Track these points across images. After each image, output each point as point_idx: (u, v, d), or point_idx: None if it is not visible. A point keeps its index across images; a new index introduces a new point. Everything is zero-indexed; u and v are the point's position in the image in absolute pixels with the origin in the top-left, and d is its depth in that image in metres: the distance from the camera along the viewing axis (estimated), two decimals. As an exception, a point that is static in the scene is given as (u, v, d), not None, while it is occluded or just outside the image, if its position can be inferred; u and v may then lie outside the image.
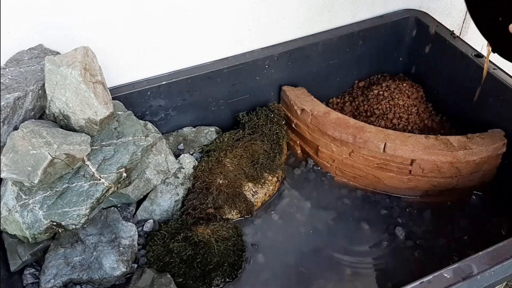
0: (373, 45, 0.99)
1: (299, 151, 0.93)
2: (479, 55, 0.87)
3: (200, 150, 0.88)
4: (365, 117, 0.94)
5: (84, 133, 0.69)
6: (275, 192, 0.86)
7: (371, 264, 0.74)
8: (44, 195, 0.66)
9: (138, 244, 0.74)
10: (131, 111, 0.77)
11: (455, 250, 0.76)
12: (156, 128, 0.83)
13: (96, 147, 0.70)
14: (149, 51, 0.81)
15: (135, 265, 0.73)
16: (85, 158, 0.68)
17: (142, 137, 0.74)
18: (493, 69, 0.84)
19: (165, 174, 0.80)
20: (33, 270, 0.71)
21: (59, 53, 0.72)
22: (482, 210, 0.81)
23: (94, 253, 0.71)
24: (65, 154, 0.64)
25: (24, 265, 0.70)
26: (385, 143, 0.78)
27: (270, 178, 0.85)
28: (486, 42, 0.71)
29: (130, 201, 0.78)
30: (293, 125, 0.91)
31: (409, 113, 0.94)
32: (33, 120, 0.69)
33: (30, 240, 0.67)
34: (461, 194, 0.82)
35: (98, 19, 0.74)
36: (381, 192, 0.85)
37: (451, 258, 0.75)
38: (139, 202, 0.79)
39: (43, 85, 0.68)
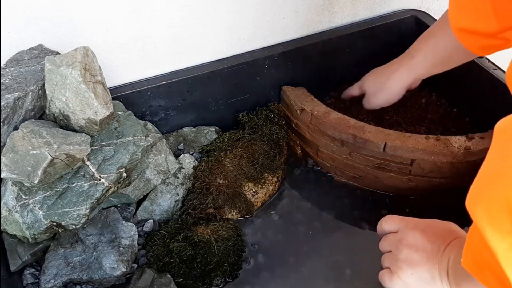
0: (373, 45, 0.99)
1: (299, 151, 0.93)
2: (479, 55, 0.87)
3: (200, 150, 0.88)
4: (365, 115, 0.94)
5: (84, 133, 0.69)
6: (275, 192, 0.86)
7: (371, 264, 0.74)
8: (44, 195, 0.66)
9: (138, 244, 0.74)
10: (131, 111, 0.77)
11: (455, 250, 0.76)
12: (156, 128, 0.83)
13: (96, 147, 0.70)
14: (149, 51, 0.81)
15: (135, 265, 0.73)
16: (85, 158, 0.68)
17: (142, 137, 0.74)
18: (493, 69, 0.84)
19: (165, 174, 0.80)
20: (33, 270, 0.71)
21: (59, 53, 0.72)
22: (482, 210, 0.81)
23: (94, 253, 0.71)
24: (65, 154, 0.64)
25: (24, 265, 0.70)
26: (385, 143, 0.78)
27: (270, 178, 0.85)
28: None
29: (130, 201, 0.78)
30: (293, 125, 0.91)
31: (409, 112, 0.94)
32: (33, 120, 0.69)
33: (30, 240, 0.67)
34: (462, 194, 0.82)
35: (98, 19, 0.74)
36: (381, 192, 0.85)
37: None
38: (139, 202, 0.79)
39: (43, 85, 0.68)
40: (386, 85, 0.79)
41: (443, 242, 0.55)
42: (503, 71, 0.83)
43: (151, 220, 0.78)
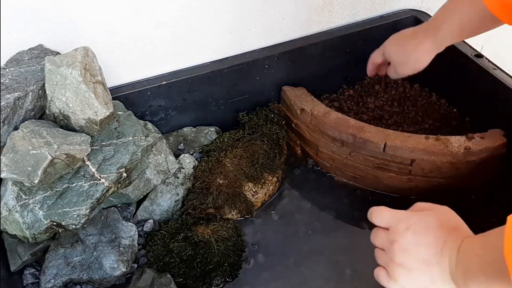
0: (373, 45, 0.98)
1: (299, 151, 0.93)
2: (479, 55, 0.87)
3: (200, 150, 0.88)
4: (365, 115, 0.94)
5: (84, 133, 0.69)
6: (275, 192, 0.86)
7: (371, 264, 0.74)
8: (44, 195, 0.66)
9: (138, 244, 0.74)
10: (131, 111, 0.77)
11: (455, 250, 0.76)
12: (156, 128, 0.83)
13: (96, 147, 0.70)
14: (149, 51, 0.81)
15: (135, 265, 0.73)
16: (85, 158, 0.68)
17: (142, 137, 0.74)
18: (493, 69, 0.84)
19: (165, 174, 0.80)
20: (33, 270, 0.71)
21: (59, 53, 0.72)
22: (482, 210, 0.81)
23: (94, 253, 0.71)
24: (65, 154, 0.64)
25: (24, 265, 0.70)
26: (385, 143, 0.78)
27: (270, 178, 0.85)
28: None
29: (130, 201, 0.78)
30: (293, 125, 0.91)
31: (409, 112, 0.94)
32: (33, 120, 0.69)
33: (30, 240, 0.67)
34: (461, 194, 0.82)
35: (98, 19, 0.74)
36: (381, 192, 0.85)
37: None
38: (139, 202, 0.79)
39: (43, 85, 0.68)
40: (413, 56, 0.78)
41: (437, 241, 0.55)
42: (503, 71, 0.83)
43: (151, 220, 0.78)
